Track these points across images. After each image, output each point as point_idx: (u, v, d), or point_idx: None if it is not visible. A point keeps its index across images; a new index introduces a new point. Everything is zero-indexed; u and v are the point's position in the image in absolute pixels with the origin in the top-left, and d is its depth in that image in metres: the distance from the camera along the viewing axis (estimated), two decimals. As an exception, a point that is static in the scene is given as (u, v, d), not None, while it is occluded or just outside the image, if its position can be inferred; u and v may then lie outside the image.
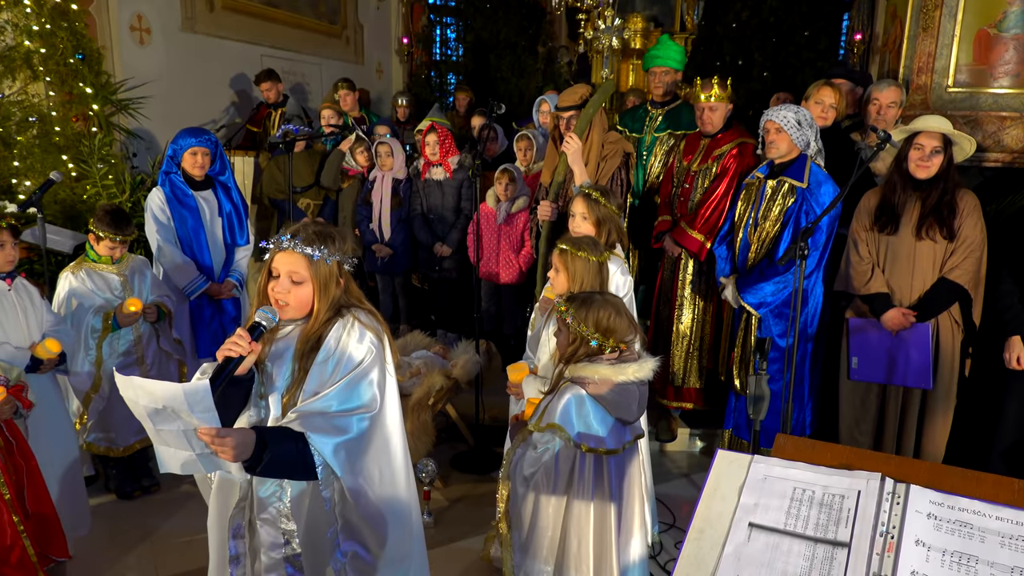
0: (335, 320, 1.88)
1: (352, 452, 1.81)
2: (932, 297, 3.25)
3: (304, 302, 1.86)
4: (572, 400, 2.23)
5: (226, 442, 1.63)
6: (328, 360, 1.84)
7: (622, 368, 2.20)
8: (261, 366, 1.88)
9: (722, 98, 3.96)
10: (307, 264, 1.83)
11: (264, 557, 1.88)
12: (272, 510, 1.87)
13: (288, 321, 1.90)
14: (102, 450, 3.70)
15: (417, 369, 4.06)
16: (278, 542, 1.87)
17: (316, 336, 1.86)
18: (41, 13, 4.77)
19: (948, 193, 3.21)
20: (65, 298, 3.50)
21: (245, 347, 1.76)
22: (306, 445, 1.75)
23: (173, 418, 1.65)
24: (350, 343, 1.86)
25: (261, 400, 1.88)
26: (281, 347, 1.89)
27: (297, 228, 1.87)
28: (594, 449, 2.21)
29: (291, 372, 1.86)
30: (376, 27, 9.06)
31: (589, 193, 3.03)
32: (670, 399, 4.29)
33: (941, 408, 3.32)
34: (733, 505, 1.40)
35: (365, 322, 1.90)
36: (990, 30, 4.21)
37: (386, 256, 5.33)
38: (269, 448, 1.70)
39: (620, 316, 2.25)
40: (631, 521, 2.37)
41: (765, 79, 7.72)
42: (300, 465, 1.76)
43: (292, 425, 1.77)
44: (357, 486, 1.84)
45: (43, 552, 2.77)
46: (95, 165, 4.83)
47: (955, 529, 1.23)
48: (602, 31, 7.04)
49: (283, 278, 1.84)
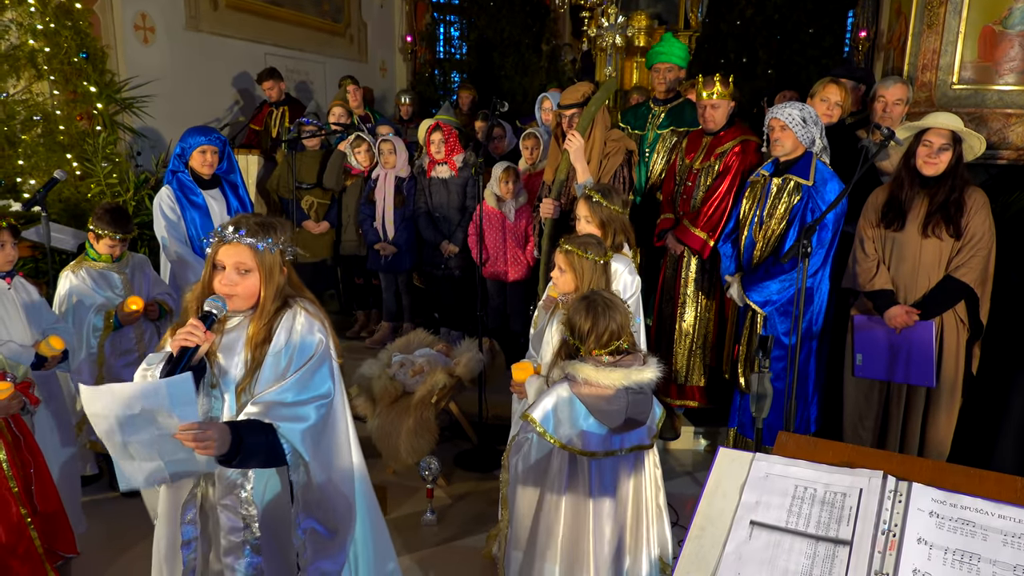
0: (283, 311, 1.95)
1: (315, 437, 1.92)
2: (936, 295, 3.24)
3: (251, 292, 1.92)
4: (555, 395, 2.24)
5: (208, 435, 1.71)
6: (282, 351, 1.92)
7: (607, 372, 2.17)
8: (212, 357, 1.93)
9: (724, 95, 3.95)
10: (252, 254, 1.89)
11: (223, 541, 1.95)
12: (233, 496, 1.94)
13: (235, 312, 1.95)
14: (104, 447, 3.71)
15: (420, 367, 4.07)
16: (238, 526, 1.95)
17: (267, 327, 1.93)
18: (45, 12, 4.78)
19: (956, 191, 3.19)
20: (66, 297, 3.51)
21: (201, 336, 1.82)
22: (275, 434, 1.84)
23: (147, 423, 1.69)
24: (302, 333, 1.94)
25: (213, 390, 1.94)
26: (232, 338, 1.95)
27: (239, 220, 1.92)
28: (567, 447, 2.20)
29: (243, 362, 1.92)
30: (380, 25, 9.06)
31: (591, 196, 3.02)
32: (673, 397, 4.29)
33: (945, 406, 3.31)
34: (735, 503, 1.39)
35: (312, 312, 1.99)
36: (995, 27, 4.19)
37: (390, 254, 5.33)
38: (244, 441, 1.78)
39: (589, 317, 2.21)
40: (638, 535, 2.33)
41: (769, 76, 7.71)
42: (271, 454, 1.85)
43: (257, 416, 1.84)
44: (319, 468, 1.93)
45: (51, 547, 2.78)
46: (99, 164, 4.85)
47: (957, 527, 1.23)
48: (606, 29, 7.03)
49: (229, 270, 1.89)
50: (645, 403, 2.27)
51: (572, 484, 2.25)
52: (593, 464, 2.23)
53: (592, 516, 2.24)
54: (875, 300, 3.36)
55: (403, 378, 4.01)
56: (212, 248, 1.92)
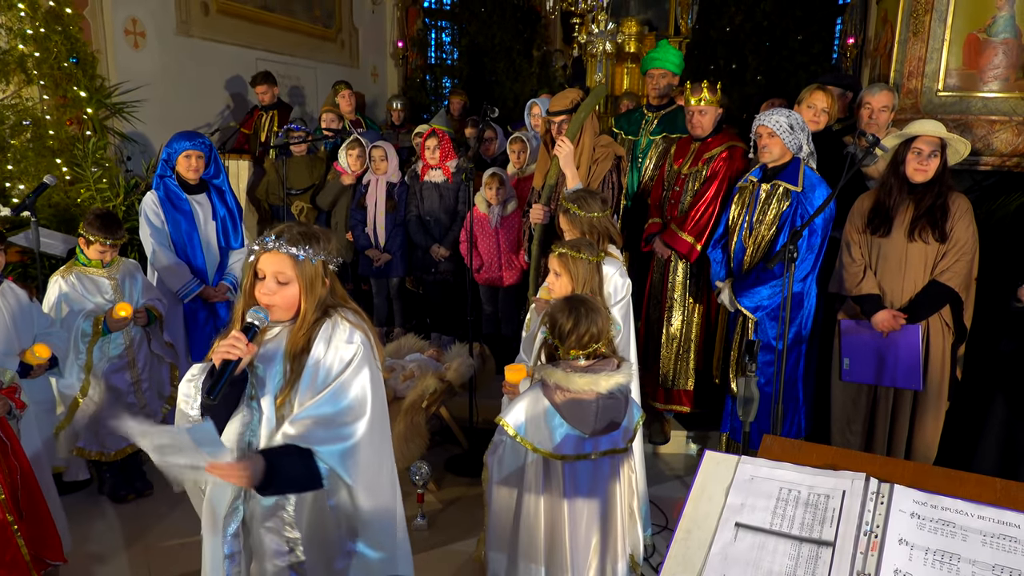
0: (323, 320, 1.89)
1: (353, 457, 1.85)
2: (922, 299, 3.27)
3: (291, 303, 1.87)
4: (528, 399, 2.25)
5: (238, 473, 1.69)
6: (320, 362, 1.86)
7: (576, 377, 2.17)
8: (251, 368, 1.89)
9: (711, 102, 3.98)
10: (293, 264, 1.84)
11: (268, 565, 1.90)
12: (275, 519, 1.90)
13: (275, 323, 1.91)
14: (94, 455, 3.69)
15: (411, 372, 4.07)
16: (282, 550, 1.90)
17: (305, 337, 1.87)
18: (35, 17, 4.77)
19: (941, 196, 3.24)
20: (55, 302, 3.49)
21: (243, 349, 1.78)
22: (311, 457, 1.79)
23: (179, 454, 1.69)
24: (340, 344, 1.88)
25: (252, 401, 1.89)
26: (270, 349, 1.90)
27: (281, 229, 1.88)
28: (539, 450, 2.21)
29: (282, 373, 1.87)
30: (371, 31, 9.07)
31: (568, 208, 3.04)
32: (661, 401, 4.30)
33: (932, 409, 3.34)
34: (720, 505, 1.41)
35: (353, 321, 1.92)
36: (979, 35, 4.24)
37: (383, 262, 5.34)
38: (278, 470, 1.75)
39: (571, 318, 2.21)
40: (613, 538, 2.32)
41: (759, 83, 7.77)
42: (307, 478, 1.80)
43: (294, 440, 1.79)
44: (362, 488, 1.88)
45: (38, 555, 2.76)
46: (89, 169, 4.84)
47: (938, 528, 1.25)
48: (596, 35, 7.07)
49: (269, 279, 1.85)
50: (617, 408, 2.25)
51: (547, 487, 2.26)
52: (567, 467, 2.23)
53: (568, 518, 2.25)
54: (862, 304, 3.39)
55: (394, 383, 4.01)
56: (254, 255, 1.87)
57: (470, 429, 4.30)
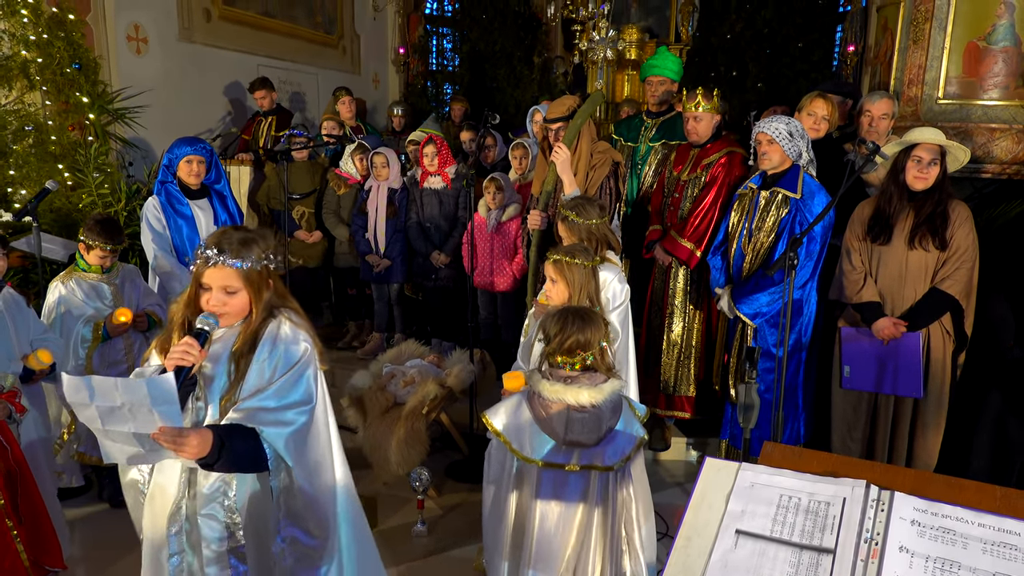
0: (268, 321, 1.96)
1: (298, 443, 1.92)
2: (923, 307, 3.27)
3: (241, 309, 1.93)
4: (514, 401, 2.28)
5: (187, 441, 1.71)
6: (266, 360, 1.92)
7: (549, 385, 2.18)
8: (199, 368, 1.93)
9: (708, 108, 3.99)
10: (238, 275, 1.89)
11: (207, 551, 1.94)
12: (215, 505, 1.94)
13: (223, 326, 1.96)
14: (93, 460, 3.68)
15: (411, 378, 4.07)
16: (222, 535, 1.94)
17: (252, 337, 1.93)
18: (38, 23, 4.79)
19: (941, 204, 3.24)
20: (55, 307, 3.49)
21: (196, 356, 1.84)
22: (257, 439, 1.85)
23: (127, 418, 1.69)
24: (287, 342, 1.95)
25: (198, 401, 1.93)
26: (217, 349, 1.95)
27: (219, 240, 1.90)
28: (515, 451, 2.22)
29: (227, 374, 1.93)
30: (373, 37, 9.10)
31: (566, 216, 3.05)
32: (662, 408, 4.30)
33: (933, 417, 3.33)
34: (720, 512, 1.41)
35: (296, 321, 2.00)
36: (979, 43, 4.25)
37: (383, 268, 5.34)
38: (226, 445, 1.79)
39: (559, 326, 2.20)
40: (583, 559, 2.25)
41: (759, 90, 7.78)
42: (253, 459, 1.86)
43: (240, 421, 1.84)
44: (301, 474, 1.93)
45: (36, 561, 2.76)
46: (91, 174, 4.85)
47: (938, 536, 1.25)
48: (597, 42, 7.10)
49: (216, 292, 1.89)
50: (594, 423, 2.17)
51: (520, 488, 2.29)
52: (542, 474, 2.23)
53: (536, 526, 2.23)
54: (863, 312, 3.39)
55: (394, 389, 4.01)
56: (196, 268, 1.91)
57: (470, 435, 4.30)
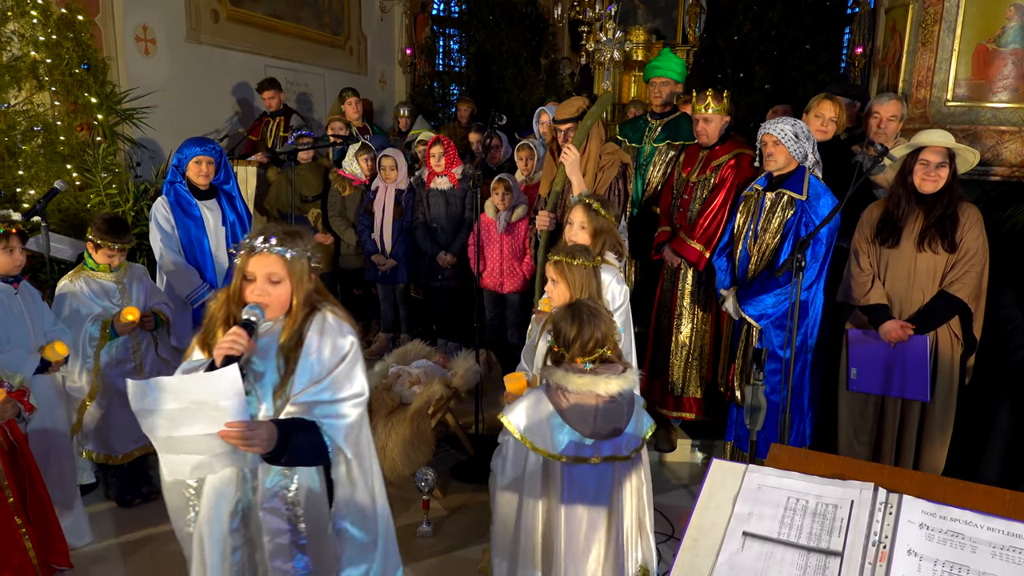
0: (312, 315, 1.99)
1: (354, 435, 1.98)
2: (931, 310, 3.26)
3: (284, 300, 1.96)
4: (531, 399, 2.26)
5: (257, 434, 1.76)
6: (315, 354, 1.95)
7: (575, 378, 2.18)
8: (246, 364, 1.95)
9: (717, 110, 3.99)
10: (283, 263, 1.93)
11: (269, 544, 1.96)
12: (277, 499, 1.96)
13: (267, 320, 1.98)
14: (101, 458, 3.71)
15: (417, 378, 4.07)
16: (283, 528, 1.96)
17: (298, 331, 1.96)
18: (47, 24, 4.81)
19: (951, 206, 3.22)
20: (63, 306, 3.52)
21: (245, 344, 1.85)
22: (317, 432, 1.89)
23: (194, 417, 1.72)
24: (334, 336, 1.98)
25: (249, 395, 1.94)
26: (264, 344, 1.98)
27: (265, 231, 1.95)
28: (538, 450, 2.22)
29: (277, 368, 1.95)
30: (379, 38, 9.12)
31: (590, 204, 3.04)
32: (670, 409, 4.29)
33: (940, 421, 3.32)
34: (727, 514, 1.41)
35: (340, 315, 2.04)
36: (989, 45, 4.24)
37: (388, 268, 5.35)
38: (292, 438, 1.83)
39: (575, 325, 2.21)
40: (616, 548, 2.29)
41: (766, 92, 7.76)
42: (314, 452, 1.90)
43: (300, 415, 1.89)
44: (357, 466, 2.00)
45: (44, 560, 2.77)
46: (99, 174, 4.86)
47: (947, 539, 1.24)
48: (604, 43, 7.10)
49: (260, 281, 1.92)
50: (618, 413, 2.24)
51: (545, 489, 2.26)
52: (565, 470, 2.23)
53: (564, 523, 2.24)
54: (870, 314, 3.38)
55: (400, 389, 4.02)
56: (240, 260, 1.94)
57: (476, 436, 4.30)
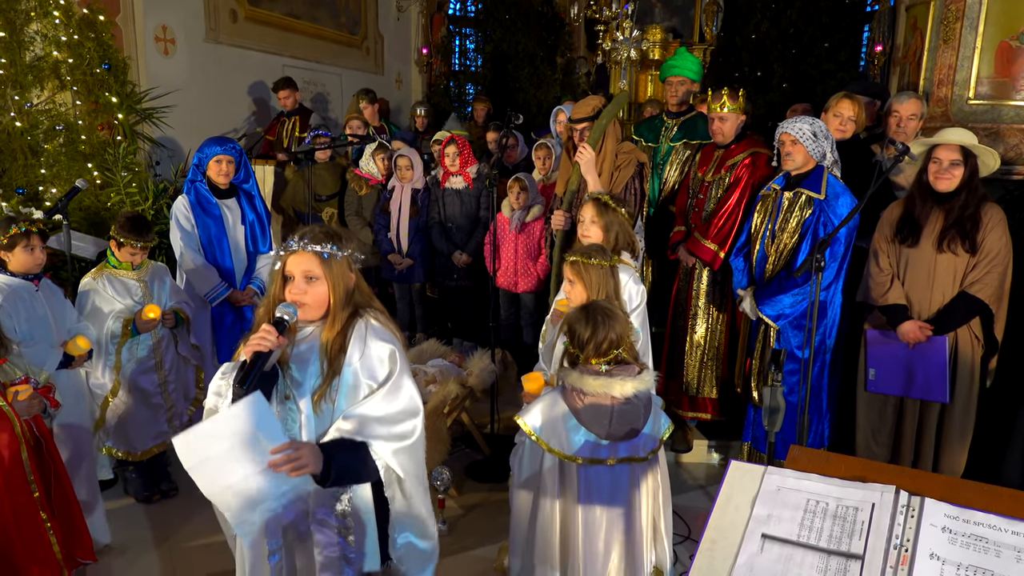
0: (355, 320, 1.94)
1: (407, 453, 1.93)
2: (950, 311, 3.22)
3: (321, 300, 1.92)
4: (547, 400, 2.26)
5: (301, 455, 1.72)
6: (360, 362, 1.91)
7: (591, 380, 2.18)
8: (284, 368, 1.93)
9: (733, 109, 3.96)
10: (319, 262, 1.89)
11: (319, 557, 1.93)
12: (326, 510, 1.94)
13: (305, 323, 1.95)
14: (121, 454, 3.75)
15: (433, 377, 4.08)
16: (333, 540, 1.94)
17: (341, 336, 1.92)
18: (69, 24, 4.87)
19: (971, 206, 3.17)
20: (86, 303, 3.57)
21: (274, 340, 1.82)
22: (366, 451, 1.85)
23: (240, 455, 1.70)
24: (377, 344, 1.93)
25: (288, 401, 1.93)
26: (304, 349, 1.94)
27: (305, 231, 1.94)
28: (554, 451, 2.21)
29: (319, 372, 1.91)
30: (396, 38, 9.14)
31: (599, 198, 3.03)
32: (685, 409, 4.28)
33: (959, 423, 3.27)
34: (746, 516, 1.40)
35: (383, 321, 1.99)
36: (1012, 42, 4.18)
37: (404, 267, 5.37)
38: (335, 459, 1.79)
39: (589, 326, 2.20)
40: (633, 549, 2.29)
41: (785, 90, 7.70)
42: (363, 470, 1.87)
43: (350, 434, 1.85)
44: (411, 483, 1.97)
45: (69, 553, 2.81)
46: (119, 173, 4.92)
47: (970, 543, 1.23)
48: (620, 42, 7.07)
49: (298, 279, 1.90)
50: (635, 414, 2.23)
51: (562, 490, 2.26)
52: (581, 471, 2.23)
53: (582, 524, 2.24)
54: (888, 315, 3.35)
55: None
56: (280, 260, 1.93)
57: (491, 435, 4.30)
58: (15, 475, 2.58)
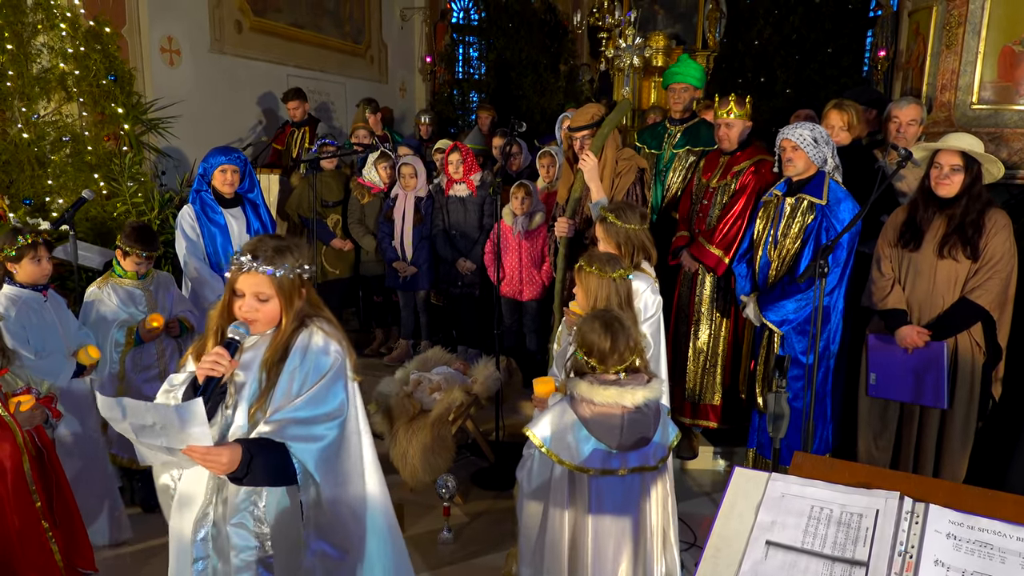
0: (300, 330, 1.95)
1: (327, 458, 1.91)
2: (950, 316, 3.20)
3: (272, 317, 1.93)
4: (556, 411, 2.25)
5: (218, 459, 1.73)
6: (296, 370, 1.92)
7: (600, 390, 2.16)
8: (230, 377, 1.93)
9: (740, 115, 3.97)
10: (270, 282, 1.89)
11: (236, 560, 1.94)
12: (245, 514, 1.93)
13: (253, 334, 1.96)
14: (126, 462, 3.75)
15: (437, 385, 4.08)
16: (250, 545, 1.94)
17: (283, 346, 1.93)
18: (76, 36, 4.91)
19: (973, 212, 3.15)
20: (91, 312, 3.59)
21: (226, 365, 1.83)
22: (286, 454, 1.84)
23: (159, 435, 1.71)
24: (317, 352, 1.94)
25: (227, 410, 1.93)
26: (248, 357, 1.95)
27: (255, 247, 1.91)
28: (565, 463, 2.21)
29: (258, 383, 1.92)
30: (400, 46, 9.20)
31: (604, 217, 3.04)
32: (688, 416, 4.27)
33: (960, 430, 3.25)
34: (750, 523, 1.39)
35: (328, 331, 1.98)
36: (1015, 47, 4.18)
37: (409, 275, 5.38)
38: (255, 460, 1.79)
39: (608, 336, 2.19)
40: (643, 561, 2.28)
41: (788, 96, 7.71)
42: (281, 473, 1.85)
43: (270, 435, 1.84)
44: (330, 489, 1.92)
45: (70, 562, 2.81)
46: (125, 183, 4.95)
47: (975, 549, 1.22)
48: (623, 49, 7.10)
49: (249, 298, 1.90)
50: (645, 423, 2.22)
51: (572, 501, 2.25)
52: (593, 482, 2.22)
53: (591, 536, 2.23)
54: (887, 319, 3.34)
55: (421, 396, 4.03)
56: (231, 274, 1.92)
57: (496, 442, 4.30)
58: (17, 485, 2.59)
